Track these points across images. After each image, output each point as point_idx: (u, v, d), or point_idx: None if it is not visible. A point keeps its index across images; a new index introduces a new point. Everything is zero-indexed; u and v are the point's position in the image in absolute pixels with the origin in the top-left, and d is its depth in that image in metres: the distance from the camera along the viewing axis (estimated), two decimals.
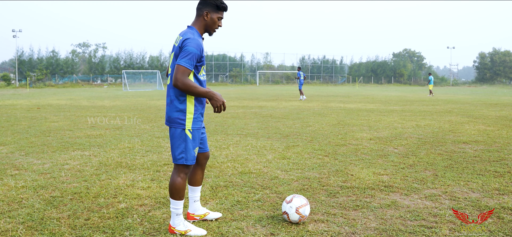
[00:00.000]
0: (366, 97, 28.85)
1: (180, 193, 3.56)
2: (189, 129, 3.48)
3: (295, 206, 3.75)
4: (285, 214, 3.80)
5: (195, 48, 3.36)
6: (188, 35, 3.44)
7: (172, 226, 3.59)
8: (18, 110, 16.53)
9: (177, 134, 3.48)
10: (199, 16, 3.57)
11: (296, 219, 3.74)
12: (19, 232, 3.56)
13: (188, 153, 3.50)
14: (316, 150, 7.54)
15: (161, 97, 28.22)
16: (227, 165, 6.28)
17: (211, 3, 3.53)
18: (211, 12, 3.55)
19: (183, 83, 3.29)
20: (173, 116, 3.48)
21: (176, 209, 3.58)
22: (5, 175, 5.63)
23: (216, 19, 3.58)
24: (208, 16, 3.54)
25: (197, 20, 3.58)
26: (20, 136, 9.34)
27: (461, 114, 14.74)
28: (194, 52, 3.35)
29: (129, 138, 9.09)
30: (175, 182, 3.55)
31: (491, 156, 6.97)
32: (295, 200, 3.81)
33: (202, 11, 3.55)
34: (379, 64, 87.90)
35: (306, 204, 3.82)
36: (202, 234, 3.57)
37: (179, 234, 3.55)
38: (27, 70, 61.56)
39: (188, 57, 3.32)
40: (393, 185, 5.10)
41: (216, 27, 3.62)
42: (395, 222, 3.82)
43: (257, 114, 14.95)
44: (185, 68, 3.31)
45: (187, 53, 3.33)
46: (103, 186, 5.08)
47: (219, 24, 3.62)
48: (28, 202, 4.42)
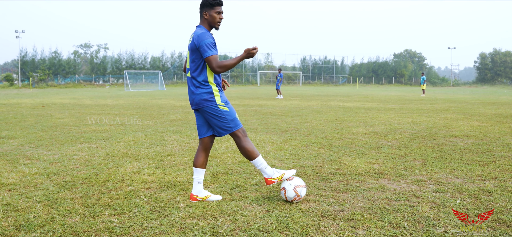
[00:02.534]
0: (366, 96, 29.19)
1: (254, 151, 4.21)
2: (220, 103, 4.11)
3: (294, 184, 4.12)
4: (283, 190, 4.16)
5: (209, 38, 4.01)
6: (199, 31, 4.07)
7: (269, 178, 4.24)
8: (23, 108, 16.90)
9: (212, 111, 4.10)
10: (201, 17, 4.18)
11: (292, 197, 4.09)
12: (37, 209, 3.91)
13: (231, 122, 4.15)
14: (312, 143, 7.88)
15: (163, 96, 28.58)
16: (227, 155, 6.62)
17: (206, 3, 4.11)
18: (209, 10, 4.13)
19: (220, 66, 3.96)
20: (202, 99, 4.09)
21: (260, 165, 4.23)
22: (18, 163, 5.98)
23: (215, 14, 4.13)
24: (207, 14, 4.13)
25: (202, 20, 4.18)
26: (28, 130, 9.70)
27: (457, 112, 15.06)
28: (210, 41, 3.99)
29: (133, 132, 9.44)
30: (243, 147, 4.19)
31: (479, 148, 7.30)
32: (295, 179, 4.20)
33: (202, 11, 4.15)
34: (380, 65, 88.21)
35: (304, 186, 4.18)
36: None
37: (276, 180, 4.23)
38: (30, 70, 62.03)
39: (209, 47, 3.96)
40: (383, 172, 5.43)
41: (218, 21, 4.17)
42: (381, 202, 4.16)
43: (257, 112, 15.29)
44: (213, 56, 3.96)
45: (205, 45, 3.96)
46: (111, 172, 5.43)
47: (220, 17, 4.17)
48: (42, 185, 4.77)
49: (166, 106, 18.20)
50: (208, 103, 4.10)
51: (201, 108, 4.15)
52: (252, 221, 3.64)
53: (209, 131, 4.28)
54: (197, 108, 4.18)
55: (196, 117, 4.33)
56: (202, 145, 4.33)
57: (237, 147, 4.28)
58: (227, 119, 4.14)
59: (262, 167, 4.24)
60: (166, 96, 28.28)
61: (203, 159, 4.32)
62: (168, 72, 70.82)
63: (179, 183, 4.92)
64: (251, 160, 4.22)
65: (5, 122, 11.69)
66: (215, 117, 4.13)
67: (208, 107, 4.11)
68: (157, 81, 56.76)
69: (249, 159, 4.23)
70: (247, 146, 4.19)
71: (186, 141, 8.10)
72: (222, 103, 4.13)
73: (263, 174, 4.31)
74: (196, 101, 4.14)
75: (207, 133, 4.28)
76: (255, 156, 4.21)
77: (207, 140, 4.31)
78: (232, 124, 4.16)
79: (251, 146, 4.21)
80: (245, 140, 4.21)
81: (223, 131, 4.19)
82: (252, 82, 74.64)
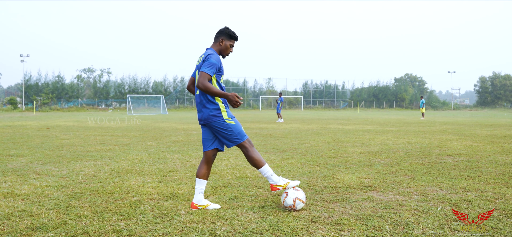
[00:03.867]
0: (365, 120, 29.55)
1: (261, 160, 4.61)
2: (227, 118, 4.53)
3: (296, 195, 4.47)
4: (285, 193, 4.51)
5: (215, 60, 4.42)
6: (209, 52, 4.53)
7: (275, 184, 4.65)
8: (29, 130, 17.30)
9: (220, 126, 4.52)
10: (216, 42, 4.66)
11: (289, 204, 4.43)
12: (50, 215, 4.25)
13: (237, 134, 4.56)
14: (308, 161, 8.22)
15: (166, 120, 29.01)
16: (227, 171, 6.96)
17: (226, 32, 4.61)
18: (226, 39, 4.64)
19: (203, 84, 4.30)
20: (211, 114, 4.51)
21: (267, 173, 4.64)
22: (28, 178, 6.34)
23: (229, 45, 4.66)
24: (223, 42, 4.63)
25: (215, 44, 4.66)
26: (35, 149, 10.07)
27: (452, 133, 15.38)
28: (214, 63, 4.39)
29: (137, 152, 9.79)
30: (251, 157, 4.59)
31: (468, 165, 7.62)
32: (300, 193, 4.53)
33: (219, 38, 4.65)
34: (381, 89, 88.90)
35: (303, 202, 4.51)
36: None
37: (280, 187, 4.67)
38: (34, 94, 62.77)
39: (209, 66, 4.37)
40: (372, 185, 5.77)
41: (228, 52, 4.70)
42: (367, 210, 4.49)
43: (258, 134, 15.65)
44: (206, 74, 4.32)
45: (208, 63, 4.39)
46: (117, 185, 5.77)
47: (231, 50, 4.70)
48: (53, 196, 5.12)
49: (168, 129, 18.58)
50: (216, 118, 4.51)
51: (209, 123, 4.57)
52: (247, 225, 3.98)
53: (213, 145, 4.66)
54: (205, 123, 4.59)
55: (202, 131, 4.73)
56: (205, 157, 4.71)
57: (245, 157, 4.69)
58: (234, 132, 4.55)
59: (269, 175, 4.65)
60: (168, 120, 28.71)
61: (205, 171, 4.68)
62: (170, 96, 71.51)
63: (181, 195, 5.25)
64: (258, 168, 4.63)
65: (12, 141, 12.07)
66: (223, 131, 4.54)
67: (216, 122, 4.53)
68: (159, 105, 57.33)
69: (257, 167, 4.63)
70: (254, 155, 4.60)
71: (188, 159, 8.45)
72: (229, 118, 4.55)
73: (269, 181, 4.70)
74: (205, 117, 4.56)
75: (211, 146, 4.67)
76: (261, 165, 4.62)
77: (210, 153, 4.69)
78: (239, 136, 4.58)
79: (258, 156, 4.62)
80: (252, 150, 4.61)
81: (231, 143, 4.58)
82: (254, 107, 75.20)
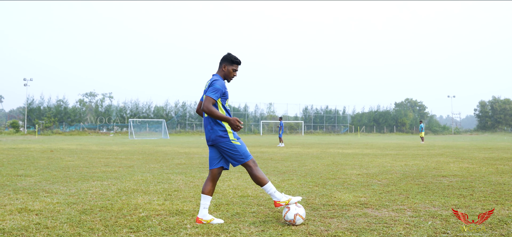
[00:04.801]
0: (365, 144, 29.84)
1: (264, 178, 4.90)
2: (233, 139, 4.81)
3: (297, 211, 4.77)
4: (287, 208, 4.81)
5: (219, 86, 4.79)
6: (215, 77, 4.90)
7: (278, 201, 4.89)
8: (33, 152, 17.60)
9: (227, 146, 4.86)
10: (220, 68, 5.06)
11: (290, 218, 4.72)
12: (64, 227, 4.54)
13: (243, 154, 4.89)
14: (308, 182, 8.50)
15: (167, 144, 29.31)
16: (229, 191, 7.24)
17: (228, 58, 4.98)
18: (228, 65, 5.02)
19: (208, 108, 4.67)
20: (218, 135, 4.85)
21: (270, 190, 4.91)
22: (39, 196, 6.62)
23: (231, 70, 5.00)
24: (225, 68, 5.01)
25: (219, 70, 5.06)
26: (42, 170, 10.36)
27: (450, 156, 15.65)
28: (218, 88, 4.76)
29: (141, 173, 10.08)
30: (255, 175, 4.91)
31: (462, 185, 7.90)
32: (301, 209, 4.84)
33: (222, 64, 5.04)
34: (381, 114, 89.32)
35: (303, 218, 4.81)
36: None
37: (283, 203, 4.89)
38: (36, 118, 63.25)
39: (213, 91, 4.74)
40: (368, 203, 6.05)
41: (232, 76, 5.07)
42: (362, 224, 4.77)
43: (259, 157, 15.94)
44: (210, 98, 4.70)
45: (212, 88, 4.75)
46: (125, 203, 6.06)
47: (234, 74, 5.08)
48: (64, 211, 5.40)
49: (170, 153, 18.88)
50: (223, 139, 4.86)
51: (216, 144, 4.90)
52: (248, 235, 4.25)
53: (219, 164, 4.99)
54: (213, 144, 4.93)
55: (210, 151, 5.05)
56: (211, 175, 5.03)
57: (250, 175, 4.98)
58: (239, 152, 4.89)
59: (272, 192, 4.93)
60: (170, 144, 29.02)
61: (211, 187, 4.99)
62: (172, 121, 71.95)
63: (186, 211, 5.54)
64: (262, 186, 4.92)
65: (19, 163, 12.37)
66: (229, 151, 4.88)
67: (223, 143, 4.86)
68: (160, 130, 57.70)
69: (260, 185, 4.93)
70: (258, 174, 4.91)
71: (191, 180, 8.73)
72: (235, 139, 4.89)
73: (272, 198, 5.00)
74: (213, 138, 4.90)
75: (217, 165, 5.00)
76: (265, 182, 4.92)
77: (216, 171, 5.01)
78: (244, 156, 4.91)
79: (261, 174, 4.93)
80: (256, 169, 4.93)
81: (237, 162, 4.91)
82: (255, 132, 75.52)
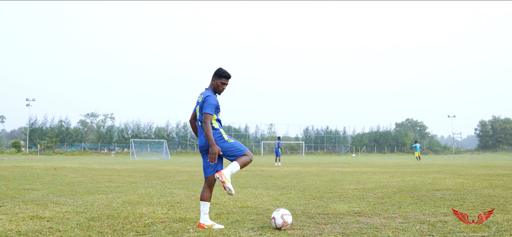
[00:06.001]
0: (365, 163, 30.10)
1: (246, 164, 5.29)
2: (227, 139, 5.24)
3: (281, 213, 5.09)
4: (272, 219, 5.09)
5: (213, 101, 5.22)
6: (207, 93, 5.30)
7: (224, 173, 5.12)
8: (37, 170, 17.90)
9: (223, 146, 5.22)
10: (211, 81, 5.47)
11: (280, 223, 5.02)
12: (76, 231, 4.86)
13: (238, 148, 5.26)
14: (305, 195, 8.80)
15: (169, 164, 29.61)
16: (229, 202, 7.55)
17: (218, 73, 5.38)
18: (217, 79, 5.43)
19: (206, 125, 5.07)
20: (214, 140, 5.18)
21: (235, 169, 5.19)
22: (48, 206, 6.94)
23: (220, 83, 5.43)
24: (215, 81, 5.44)
25: (211, 84, 5.48)
26: (48, 185, 10.67)
27: (447, 173, 15.91)
28: (212, 103, 5.21)
29: (144, 188, 10.39)
30: (244, 161, 5.26)
31: (454, 197, 8.19)
32: (282, 209, 5.19)
33: (213, 78, 5.45)
34: (382, 134, 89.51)
35: (290, 214, 5.13)
36: None
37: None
38: (38, 138, 63.64)
39: (210, 107, 5.16)
40: (361, 212, 6.35)
41: (221, 89, 5.47)
42: (354, 229, 5.07)
43: (258, 175, 16.23)
44: (209, 114, 5.13)
45: (208, 104, 5.17)
46: (130, 212, 6.37)
47: (223, 87, 5.47)
48: (74, 219, 5.72)
49: (172, 171, 19.18)
50: (219, 141, 5.22)
51: None
52: None
53: (214, 170, 5.29)
54: (208, 148, 5.24)
55: (203, 159, 5.35)
56: (207, 182, 5.33)
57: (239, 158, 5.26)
58: (235, 147, 5.27)
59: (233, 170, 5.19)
60: (171, 164, 29.33)
61: (208, 194, 5.30)
62: (173, 141, 72.26)
63: (189, 219, 5.85)
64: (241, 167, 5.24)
65: (24, 178, 12.68)
66: (227, 150, 5.24)
67: (219, 145, 5.21)
68: (162, 150, 57.97)
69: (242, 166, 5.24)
70: (246, 160, 5.27)
71: (193, 194, 9.04)
72: (229, 138, 5.28)
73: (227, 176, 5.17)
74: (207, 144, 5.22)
75: (212, 171, 5.30)
76: (242, 166, 5.24)
77: (211, 178, 5.32)
78: (241, 148, 5.29)
79: (247, 163, 5.28)
80: (248, 157, 5.28)
81: (234, 157, 5.26)
82: (256, 152, 75.70)
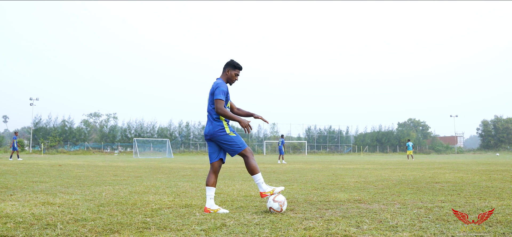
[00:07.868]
0: (367, 161, 30.28)
1: (256, 168, 5.47)
2: (229, 132, 5.44)
3: (271, 199, 5.36)
4: (269, 209, 5.34)
5: (223, 87, 5.45)
6: (218, 82, 5.52)
7: (263, 192, 5.46)
8: (42, 166, 18.14)
9: (224, 139, 5.45)
10: (223, 72, 5.70)
11: (277, 207, 5.24)
12: (87, 213, 5.08)
13: (239, 144, 5.47)
14: (308, 187, 9.00)
15: (172, 162, 29.84)
16: (234, 192, 7.76)
17: (231, 64, 5.65)
18: (231, 70, 5.65)
19: (221, 109, 5.35)
20: (215, 130, 5.46)
21: (259, 180, 5.47)
22: (57, 195, 7.16)
23: (234, 74, 5.68)
24: (229, 72, 5.65)
25: (223, 74, 5.69)
26: (56, 178, 10.90)
27: (448, 169, 16.08)
28: (223, 90, 5.41)
29: (150, 181, 10.61)
30: (250, 164, 5.48)
31: (453, 188, 8.38)
32: (270, 197, 5.41)
33: (226, 69, 5.69)
34: (384, 134, 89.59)
35: (284, 201, 5.35)
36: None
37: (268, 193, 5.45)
38: (41, 137, 64.02)
39: (220, 93, 5.37)
40: (361, 199, 6.56)
41: (234, 80, 5.71)
42: (354, 212, 5.28)
43: (261, 171, 16.44)
44: (221, 100, 5.34)
45: (219, 91, 5.39)
46: (138, 200, 6.59)
47: (236, 78, 5.72)
48: (83, 205, 5.94)
49: (175, 168, 19.40)
50: (220, 133, 5.44)
51: (214, 138, 5.48)
52: (251, 220, 4.78)
53: (218, 156, 5.53)
54: (211, 138, 5.50)
55: (208, 146, 5.59)
56: (212, 168, 5.56)
57: (245, 164, 5.53)
58: (236, 142, 5.47)
59: (260, 182, 5.49)
60: (175, 162, 29.56)
61: (214, 180, 5.52)
62: (176, 141, 72.53)
63: (195, 205, 6.07)
64: (253, 175, 5.47)
65: (31, 173, 12.92)
66: (227, 143, 5.45)
67: (220, 137, 5.44)
68: (165, 149, 58.20)
69: (252, 173, 5.48)
70: (252, 163, 5.49)
71: (198, 186, 9.25)
72: (231, 132, 5.46)
73: (259, 189, 5.53)
74: (211, 132, 5.48)
75: (217, 158, 5.55)
76: (256, 172, 5.48)
77: (216, 164, 5.56)
78: (241, 145, 5.49)
79: (255, 164, 5.50)
80: (252, 158, 5.51)
81: (235, 152, 5.48)
82: (258, 151, 75.90)
